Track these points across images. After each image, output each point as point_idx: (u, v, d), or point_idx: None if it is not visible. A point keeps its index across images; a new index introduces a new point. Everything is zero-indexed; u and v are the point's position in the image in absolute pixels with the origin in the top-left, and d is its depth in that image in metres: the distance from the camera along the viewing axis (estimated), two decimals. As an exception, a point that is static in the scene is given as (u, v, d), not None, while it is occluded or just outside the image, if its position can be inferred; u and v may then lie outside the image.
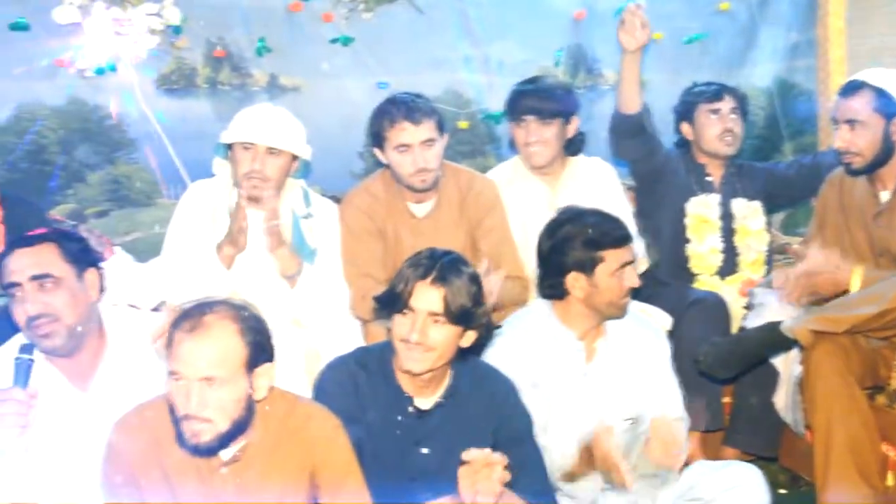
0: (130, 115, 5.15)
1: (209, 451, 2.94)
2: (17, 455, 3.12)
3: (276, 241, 4.11)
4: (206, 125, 5.14)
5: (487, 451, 3.06)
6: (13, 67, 5.01)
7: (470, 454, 3.06)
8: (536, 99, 4.64)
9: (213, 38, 5.24)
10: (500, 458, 3.05)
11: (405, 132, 4.30)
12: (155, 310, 3.98)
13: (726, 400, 4.60)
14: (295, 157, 4.23)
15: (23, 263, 3.23)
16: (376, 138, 4.39)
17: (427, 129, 4.31)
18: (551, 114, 4.63)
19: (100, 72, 5.07)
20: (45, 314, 3.21)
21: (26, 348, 3.16)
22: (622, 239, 3.73)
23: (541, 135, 4.64)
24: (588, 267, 3.68)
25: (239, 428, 2.96)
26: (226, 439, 2.95)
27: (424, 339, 3.28)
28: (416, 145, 4.31)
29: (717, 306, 4.59)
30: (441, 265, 3.32)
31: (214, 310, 2.95)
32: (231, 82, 5.28)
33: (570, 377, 3.75)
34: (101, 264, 3.45)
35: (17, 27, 4.98)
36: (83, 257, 3.35)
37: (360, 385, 3.40)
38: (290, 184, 4.29)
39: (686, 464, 3.83)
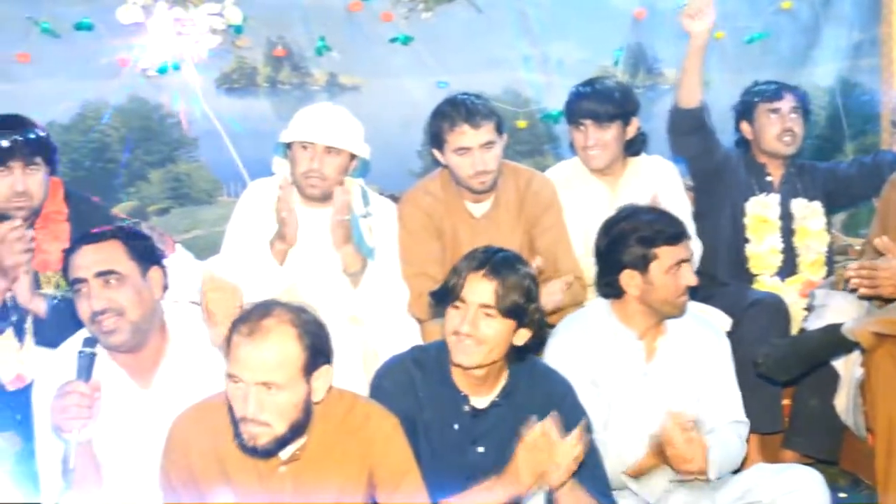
0: (192, 114, 5.22)
1: (267, 453, 2.96)
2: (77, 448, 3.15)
3: (343, 237, 4.13)
4: (265, 124, 5.20)
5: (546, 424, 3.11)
6: (78, 67, 5.09)
7: (531, 432, 3.10)
8: (594, 102, 4.60)
9: (273, 38, 5.29)
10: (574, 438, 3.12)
11: (465, 136, 4.30)
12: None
13: (786, 402, 4.54)
14: (353, 156, 4.24)
15: (88, 260, 3.26)
16: (435, 140, 4.40)
17: (486, 132, 4.31)
18: (609, 117, 4.59)
19: (162, 71, 5.14)
20: (109, 309, 3.23)
21: (89, 342, 3.20)
22: (677, 236, 3.71)
23: (599, 138, 4.61)
24: (642, 264, 3.68)
25: (297, 430, 2.98)
26: (283, 441, 2.96)
27: (475, 332, 3.28)
28: (475, 148, 4.31)
29: (777, 307, 4.55)
30: (495, 259, 3.33)
31: (273, 313, 2.96)
32: (291, 81, 5.33)
33: (630, 376, 3.74)
34: (164, 262, 3.48)
35: (82, 27, 5.06)
36: (147, 255, 3.38)
37: (416, 384, 3.41)
38: (349, 183, 4.30)
39: (743, 466, 3.81)
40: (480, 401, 3.41)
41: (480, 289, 3.29)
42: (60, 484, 3.15)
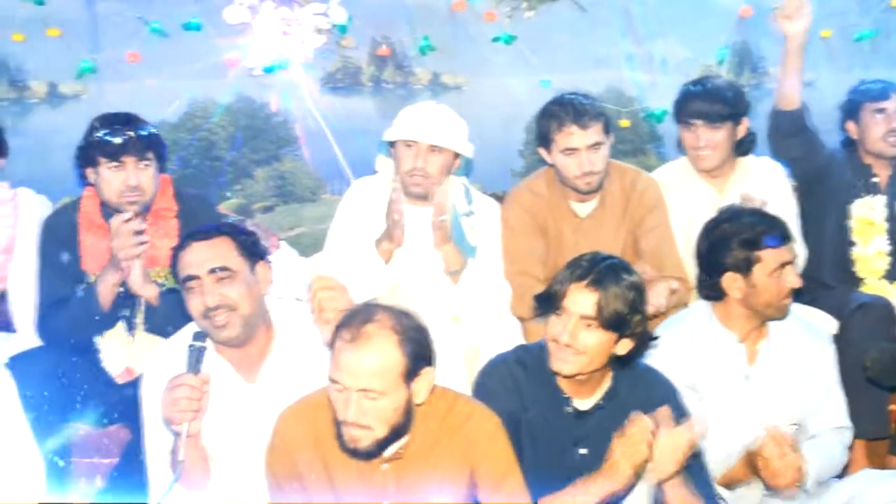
0: (296, 113, 5.28)
1: (368, 455, 2.99)
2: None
3: (443, 236, 4.13)
4: (369, 122, 5.24)
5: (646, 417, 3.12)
6: (186, 66, 5.18)
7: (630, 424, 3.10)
8: (706, 102, 4.55)
9: (377, 37, 5.33)
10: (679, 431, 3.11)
11: (573, 136, 4.28)
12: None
13: (893, 407, 4.47)
14: (457, 155, 4.26)
15: (201, 257, 3.31)
16: (542, 139, 4.39)
17: (594, 133, 4.28)
18: (720, 117, 4.53)
19: (268, 70, 5.21)
20: (222, 305, 3.28)
21: (199, 335, 3.26)
22: (780, 238, 3.66)
23: (710, 139, 4.56)
24: (745, 267, 3.64)
25: (398, 432, 3.00)
26: (384, 444, 2.99)
27: (574, 342, 3.26)
28: (582, 149, 4.29)
29: (884, 310, 4.46)
30: (599, 269, 3.29)
31: (375, 319, 2.97)
32: (394, 80, 5.36)
33: (732, 380, 3.70)
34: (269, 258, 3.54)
35: (190, 27, 5.15)
36: (255, 251, 3.43)
37: (519, 384, 3.40)
38: (452, 181, 4.32)
39: (848, 471, 3.76)
40: (583, 403, 3.39)
41: (582, 300, 3.26)
42: (169, 476, 3.21)
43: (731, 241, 3.66)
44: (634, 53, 5.46)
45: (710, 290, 3.74)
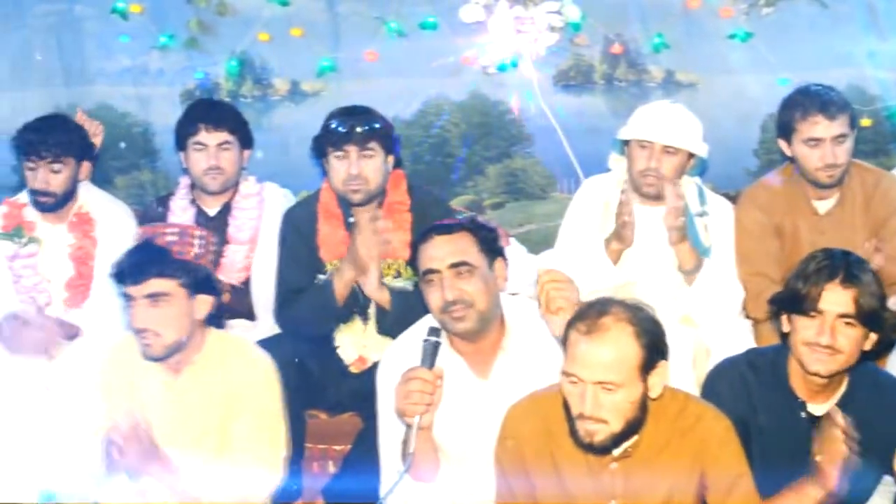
0: (528, 111, 5.32)
1: (603, 450, 2.98)
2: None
3: (679, 235, 4.11)
4: (601, 121, 5.24)
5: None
6: (421, 65, 5.30)
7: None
8: None
9: (610, 35, 5.31)
10: None
11: (818, 126, 4.17)
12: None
13: None
14: (691, 155, 4.21)
15: (443, 251, 3.36)
16: (784, 129, 4.29)
17: (840, 124, 4.17)
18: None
19: (502, 68, 5.27)
20: (460, 301, 3.33)
21: (434, 331, 3.30)
22: None
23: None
24: None
25: (633, 427, 2.98)
26: (619, 439, 2.98)
27: (834, 343, 3.18)
28: (827, 140, 4.18)
29: None
30: (849, 264, 3.23)
31: (611, 311, 2.97)
32: (627, 78, 5.33)
33: None
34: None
35: (427, 27, 5.25)
36: (493, 247, 3.46)
37: (750, 387, 3.35)
38: (686, 181, 4.27)
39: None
40: (818, 408, 3.31)
41: (839, 298, 3.19)
42: (399, 466, 3.26)
43: None
44: (878, 50, 5.26)
45: None
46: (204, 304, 3.50)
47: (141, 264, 3.42)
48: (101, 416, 3.51)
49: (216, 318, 3.62)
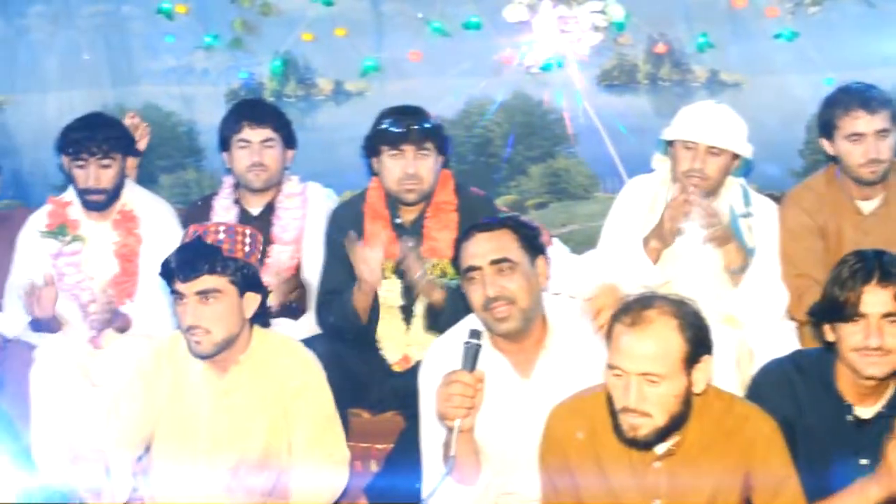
0: (572, 110, 5.31)
1: (646, 444, 2.98)
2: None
3: (725, 236, 4.11)
4: (644, 121, 5.22)
5: None
6: (465, 64, 5.30)
7: None
8: None
9: (654, 35, 5.28)
10: None
11: (859, 121, 4.16)
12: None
13: None
14: (736, 156, 4.20)
15: (484, 248, 3.37)
16: (825, 127, 4.28)
17: (882, 119, 4.16)
18: None
19: (545, 68, 5.26)
20: (501, 297, 3.33)
21: (475, 333, 3.27)
22: None
23: None
24: None
25: (676, 423, 2.98)
26: (663, 433, 2.97)
27: (883, 343, 3.16)
28: (869, 135, 4.16)
29: None
30: (882, 263, 3.20)
31: (655, 305, 2.97)
32: (671, 78, 5.30)
33: None
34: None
35: (470, 26, 5.26)
36: (535, 245, 3.47)
37: (796, 389, 3.34)
38: (730, 182, 4.26)
39: None
40: (865, 411, 3.29)
41: (880, 298, 3.17)
42: (441, 468, 3.24)
43: None
44: (925, 50, 5.23)
45: None
46: (252, 301, 3.52)
47: (192, 261, 3.43)
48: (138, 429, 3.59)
49: (262, 317, 3.63)
